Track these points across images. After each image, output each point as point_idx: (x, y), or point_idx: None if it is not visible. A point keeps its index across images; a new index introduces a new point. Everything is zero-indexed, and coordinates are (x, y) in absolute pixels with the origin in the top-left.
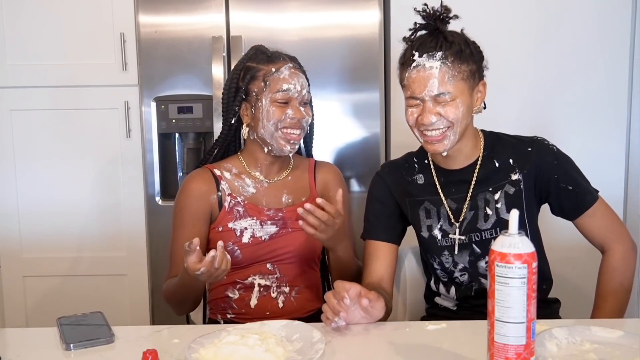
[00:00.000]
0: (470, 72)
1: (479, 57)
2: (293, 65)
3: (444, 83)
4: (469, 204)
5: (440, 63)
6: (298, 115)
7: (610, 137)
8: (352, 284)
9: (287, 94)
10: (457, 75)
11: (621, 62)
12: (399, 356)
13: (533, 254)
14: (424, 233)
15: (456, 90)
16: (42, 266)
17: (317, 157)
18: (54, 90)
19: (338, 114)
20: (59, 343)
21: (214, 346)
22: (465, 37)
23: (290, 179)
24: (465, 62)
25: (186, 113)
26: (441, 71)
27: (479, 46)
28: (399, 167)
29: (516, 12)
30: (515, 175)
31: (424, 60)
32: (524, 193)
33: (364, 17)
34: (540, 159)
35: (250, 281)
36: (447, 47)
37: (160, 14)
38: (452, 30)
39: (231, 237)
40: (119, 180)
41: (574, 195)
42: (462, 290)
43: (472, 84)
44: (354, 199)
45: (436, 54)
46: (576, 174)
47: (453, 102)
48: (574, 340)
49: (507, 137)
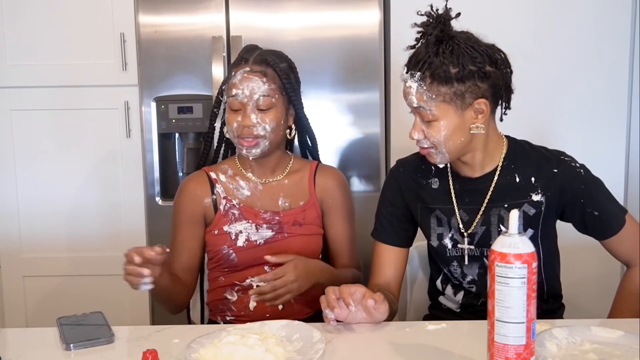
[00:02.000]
0: (455, 93)
1: (478, 75)
2: (252, 68)
3: (424, 101)
4: (481, 218)
5: (417, 84)
6: (246, 122)
7: (610, 137)
8: (357, 286)
9: (235, 99)
10: (435, 98)
11: (621, 62)
12: (399, 356)
13: (533, 254)
14: (433, 242)
15: (438, 111)
16: (42, 266)
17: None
18: (54, 90)
19: (338, 114)
20: (59, 343)
21: (214, 346)
22: (467, 51)
23: (286, 182)
24: (446, 83)
25: (186, 113)
26: (418, 92)
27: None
28: (415, 168)
29: (516, 12)
30: (537, 197)
31: (407, 77)
32: (543, 215)
33: (364, 17)
34: (566, 182)
35: (248, 283)
36: (427, 67)
37: (160, 14)
38: (456, 37)
39: (226, 241)
40: (119, 180)
41: (599, 220)
42: (470, 297)
43: (461, 104)
44: (355, 199)
45: (416, 73)
46: (603, 198)
47: (436, 122)
48: (574, 340)
49: (532, 149)
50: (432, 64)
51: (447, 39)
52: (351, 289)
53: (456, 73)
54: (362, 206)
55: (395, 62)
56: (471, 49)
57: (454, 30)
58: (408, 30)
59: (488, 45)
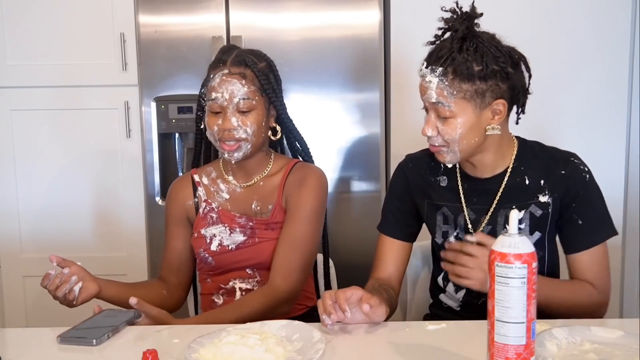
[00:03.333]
0: (476, 91)
1: (496, 75)
2: (230, 71)
3: (444, 97)
4: (489, 218)
5: (437, 80)
6: (226, 125)
7: (610, 137)
8: (354, 289)
9: (215, 102)
10: (456, 94)
11: (621, 62)
12: (399, 356)
13: (533, 254)
14: (437, 239)
15: (457, 107)
16: (42, 266)
17: (316, 158)
18: (54, 90)
19: (338, 114)
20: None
21: (214, 346)
22: (488, 49)
23: (261, 184)
24: (468, 81)
25: (186, 113)
26: (438, 87)
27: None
28: (424, 165)
29: (516, 12)
30: (545, 198)
31: (427, 72)
32: (550, 217)
33: (364, 17)
34: (571, 184)
35: (232, 285)
36: (449, 63)
37: (160, 14)
38: (478, 36)
39: (202, 244)
40: (119, 180)
41: (579, 230)
42: (471, 296)
43: (480, 103)
44: (355, 199)
45: (437, 69)
46: (596, 211)
47: (452, 119)
48: (574, 340)
49: (542, 151)
50: (456, 60)
51: (471, 36)
52: (347, 293)
53: (479, 71)
54: (362, 206)
55: (395, 62)
56: (495, 49)
57: (477, 29)
58: (408, 31)
59: (510, 47)
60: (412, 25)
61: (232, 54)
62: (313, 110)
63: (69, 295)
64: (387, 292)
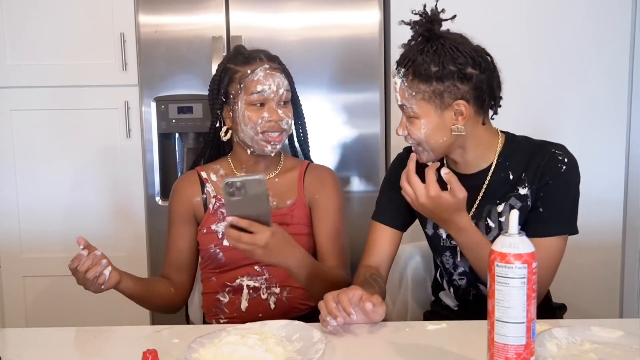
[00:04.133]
0: (434, 92)
1: (458, 76)
2: (270, 65)
3: (405, 98)
4: (474, 212)
5: (400, 80)
6: (274, 117)
7: (610, 137)
8: (354, 290)
9: (261, 95)
10: (416, 95)
11: (621, 62)
12: (399, 356)
13: (533, 254)
14: (428, 230)
15: (418, 108)
16: (42, 266)
17: (317, 158)
18: (54, 90)
19: (338, 114)
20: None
21: (214, 346)
22: (449, 52)
23: (277, 181)
24: (425, 81)
25: (186, 113)
26: (401, 88)
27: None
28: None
29: (515, 12)
30: (524, 190)
31: (394, 72)
32: (530, 209)
33: (364, 17)
34: (544, 173)
35: (239, 283)
36: (410, 64)
37: (160, 14)
38: (440, 40)
39: (213, 239)
40: (119, 180)
41: (538, 218)
42: (460, 294)
43: (440, 104)
44: (355, 199)
45: (400, 69)
46: (561, 203)
47: (417, 120)
48: (574, 340)
49: (529, 144)
50: (415, 61)
51: (434, 38)
52: (349, 295)
53: (436, 72)
54: (361, 206)
55: (395, 62)
56: (454, 50)
57: (442, 30)
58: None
59: (475, 47)
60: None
61: (255, 52)
62: (313, 110)
63: (99, 279)
64: (377, 283)
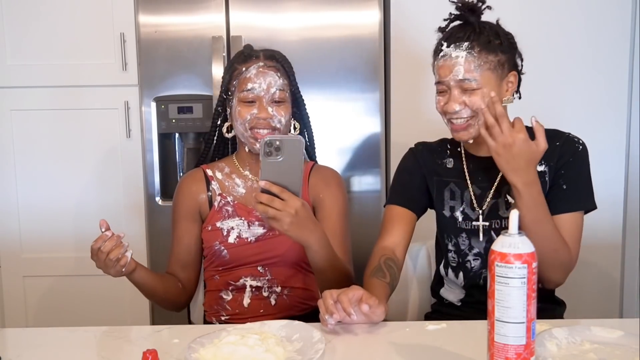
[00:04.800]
0: (499, 62)
1: (510, 49)
2: (265, 64)
3: (470, 71)
4: (494, 192)
5: (466, 53)
6: (263, 114)
7: (610, 137)
8: (354, 290)
9: (251, 92)
10: (483, 65)
11: (621, 62)
12: (399, 356)
13: (533, 254)
14: (446, 212)
15: (482, 79)
16: (42, 266)
17: (317, 157)
18: (54, 90)
19: (338, 114)
20: (54, 342)
21: (214, 346)
22: (498, 28)
23: None
24: (492, 52)
25: (186, 113)
26: (467, 60)
27: (512, 37)
28: (432, 149)
29: (516, 12)
30: (541, 167)
31: (450, 50)
32: (547, 186)
33: (364, 17)
34: (562, 152)
35: (242, 283)
36: (474, 37)
37: (160, 14)
38: (484, 21)
39: (218, 237)
40: (119, 180)
41: (561, 194)
42: (471, 277)
43: (501, 74)
44: (355, 199)
45: (463, 44)
46: (581, 180)
47: (479, 90)
48: (574, 340)
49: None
50: (481, 34)
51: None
52: (349, 295)
53: (499, 44)
54: (362, 206)
55: (395, 62)
56: (502, 29)
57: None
58: (408, 30)
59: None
60: (412, 25)
61: (256, 51)
62: (313, 110)
63: (121, 261)
64: (390, 270)
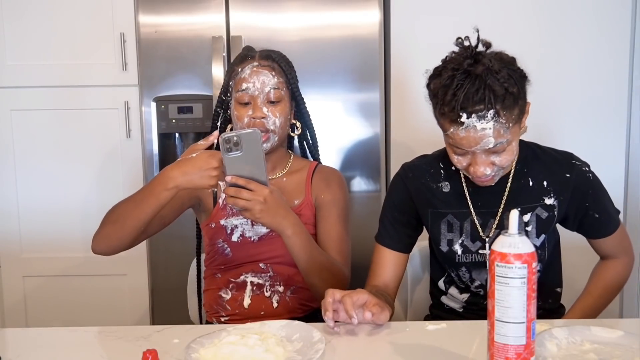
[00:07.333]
0: (520, 109)
1: (522, 82)
2: (259, 63)
3: (500, 136)
4: (498, 221)
5: (493, 122)
6: (258, 114)
7: (610, 137)
8: (359, 293)
9: (246, 92)
10: (511, 124)
11: (621, 62)
12: (399, 356)
13: (533, 254)
14: (443, 247)
15: (512, 135)
16: (42, 266)
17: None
18: (54, 90)
19: (338, 114)
20: (54, 342)
21: (214, 346)
22: (505, 66)
23: (285, 180)
24: (515, 105)
25: (186, 113)
26: (495, 129)
27: (515, 63)
28: (423, 172)
29: (516, 12)
30: (550, 200)
31: (473, 121)
32: (555, 219)
33: (364, 17)
34: (577, 188)
35: (243, 280)
36: (495, 100)
37: (160, 14)
38: (490, 66)
39: (221, 235)
40: (119, 180)
41: (598, 222)
42: (476, 298)
43: (522, 116)
44: (355, 199)
45: (487, 113)
46: (606, 202)
47: (509, 146)
48: (574, 340)
49: (543, 153)
50: (497, 94)
51: (486, 69)
52: (354, 298)
53: (517, 92)
54: (362, 206)
55: (395, 62)
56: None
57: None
58: (408, 31)
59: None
60: (412, 26)
61: (257, 51)
62: (313, 110)
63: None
64: (384, 297)
